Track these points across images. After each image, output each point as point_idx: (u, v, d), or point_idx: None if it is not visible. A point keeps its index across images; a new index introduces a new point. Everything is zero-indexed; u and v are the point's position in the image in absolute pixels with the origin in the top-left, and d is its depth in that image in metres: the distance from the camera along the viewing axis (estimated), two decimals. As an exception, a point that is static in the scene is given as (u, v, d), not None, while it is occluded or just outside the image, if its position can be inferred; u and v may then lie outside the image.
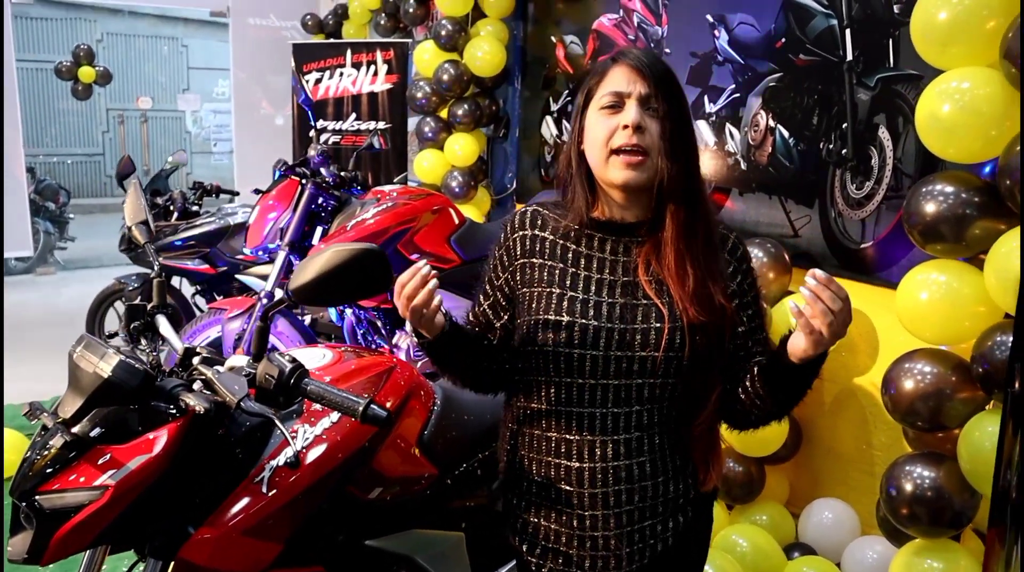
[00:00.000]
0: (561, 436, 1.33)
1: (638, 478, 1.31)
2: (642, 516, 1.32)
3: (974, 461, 1.88)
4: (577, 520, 1.33)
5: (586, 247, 1.34)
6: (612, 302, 1.29)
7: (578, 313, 1.29)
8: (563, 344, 1.28)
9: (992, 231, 1.91)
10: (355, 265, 1.18)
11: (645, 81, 1.27)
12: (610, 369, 1.28)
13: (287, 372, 1.26)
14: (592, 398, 1.30)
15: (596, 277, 1.31)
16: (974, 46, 1.91)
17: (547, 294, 1.32)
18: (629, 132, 1.25)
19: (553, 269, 1.33)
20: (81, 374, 1.29)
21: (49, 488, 1.26)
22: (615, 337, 1.27)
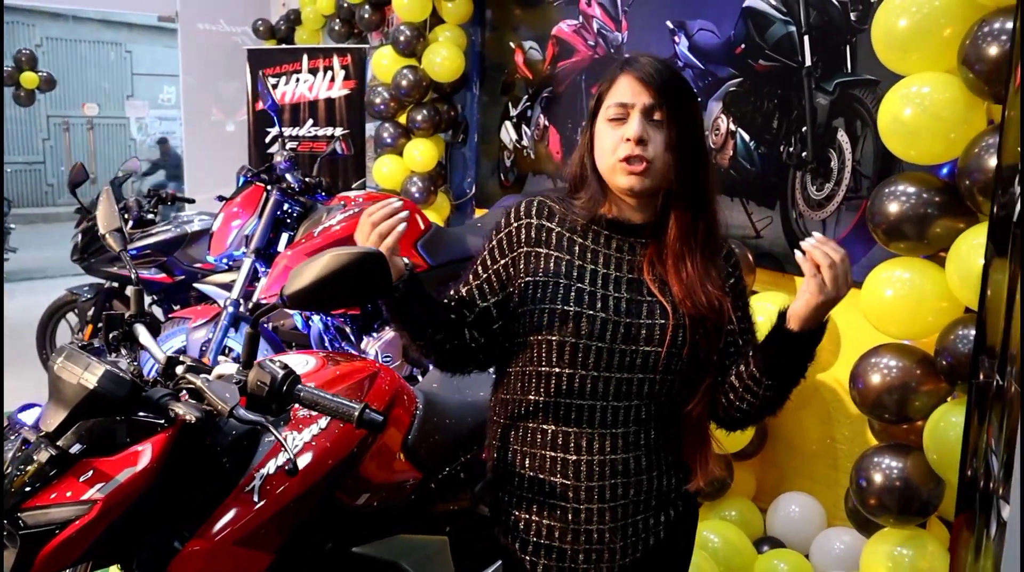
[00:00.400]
0: (559, 428, 1.34)
1: (634, 472, 1.33)
2: (636, 510, 1.35)
3: (940, 451, 1.95)
4: (572, 514, 1.34)
5: (592, 242, 1.36)
6: (618, 297, 1.32)
7: (586, 304, 1.31)
8: (570, 334, 1.30)
9: (952, 229, 1.98)
10: (354, 269, 1.17)
11: (649, 92, 1.31)
12: (613, 362, 1.30)
13: (280, 378, 1.25)
14: (594, 390, 1.31)
15: (603, 272, 1.34)
16: (932, 52, 1.98)
17: (554, 284, 1.33)
18: (631, 144, 1.30)
19: (560, 260, 1.35)
20: (64, 386, 1.26)
21: (33, 504, 1.22)
22: (620, 330, 1.30)
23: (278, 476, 1.40)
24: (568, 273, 1.34)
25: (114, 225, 1.65)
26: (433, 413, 1.79)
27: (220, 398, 1.24)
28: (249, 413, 1.25)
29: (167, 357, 1.43)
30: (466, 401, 1.89)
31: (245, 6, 6.98)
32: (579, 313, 1.30)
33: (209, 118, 7.10)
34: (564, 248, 1.36)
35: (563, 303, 1.31)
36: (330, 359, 1.67)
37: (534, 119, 4.23)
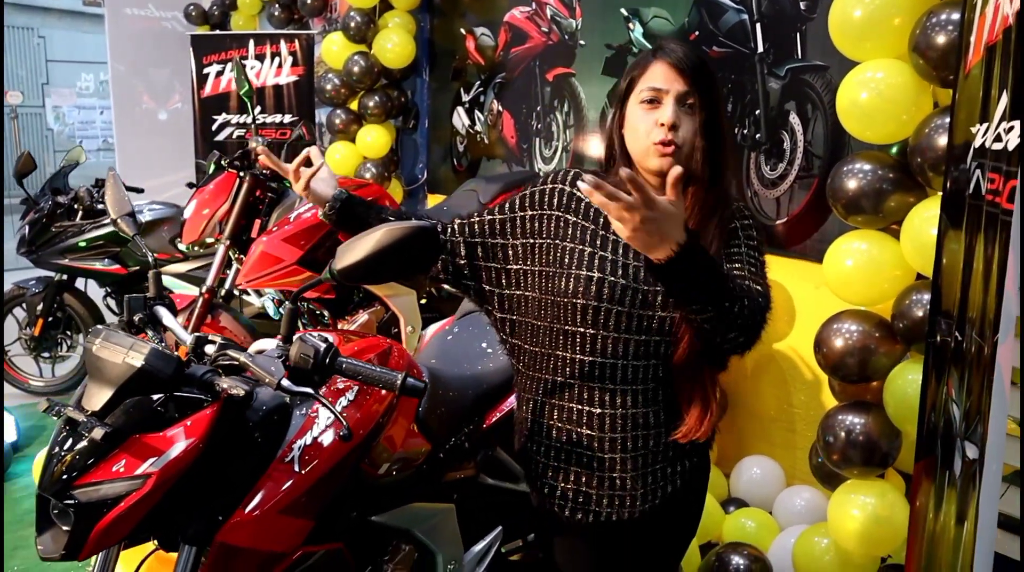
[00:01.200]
0: (584, 384, 1.44)
1: (653, 425, 1.44)
2: (655, 459, 1.46)
3: (898, 406, 2.13)
4: (597, 462, 1.45)
5: None
6: (638, 265, 1.41)
7: (608, 271, 1.40)
8: (593, 298, 1.40)
9: (905, 203, 2.15)
10: (409, 243, 1.24)
11: (682, 79, 1.38)
12: (632, 324, 1.40)
13: (322, 351, 1.31)
14: (615, 350, 1.41)
15: (623, 242, 1.38)
16: (884, 40, 2.15)
17: (579, 251, 1.43)
18: (665, 129, 1.38)
19: (586, 229, 1.44)
20: (107, 366, 1.29)
21: (86, 481, 1.26)
22: (639, 296, 1.39)
23: (314, 447, 1.46)
24: (592, 241, 1.43)
25: (125, 210, 1.67)
26: (438, 387, 1.87)
27: (266, 371, 1.30)
28: (295, 385, 1.31)
29: (196, 336, 1.46)
30: (466, 375, 1.98)
31: (175, -10, 6.81)
32: (602, 279, 1.40)
33: (141, 106, 6.91)
34: (591, 218, 1.46)
35: (588, 269, 1.41)
36: (345, 337, 1.73)
37: (487, 104, 4.31)
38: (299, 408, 1.53)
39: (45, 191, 4.02)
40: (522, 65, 4.06)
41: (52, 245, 3.90)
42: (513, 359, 1.58)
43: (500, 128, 4.24)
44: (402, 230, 1.24)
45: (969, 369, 1.62)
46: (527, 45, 4.01)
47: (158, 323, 1.55)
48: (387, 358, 1.69)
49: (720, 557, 2.45)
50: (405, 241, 1.24)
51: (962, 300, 1.69)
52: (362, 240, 1.25)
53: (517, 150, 4.15)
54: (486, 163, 4.38)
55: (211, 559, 1.38)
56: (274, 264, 2.84)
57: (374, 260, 1.24)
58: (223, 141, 5.04)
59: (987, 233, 1.48)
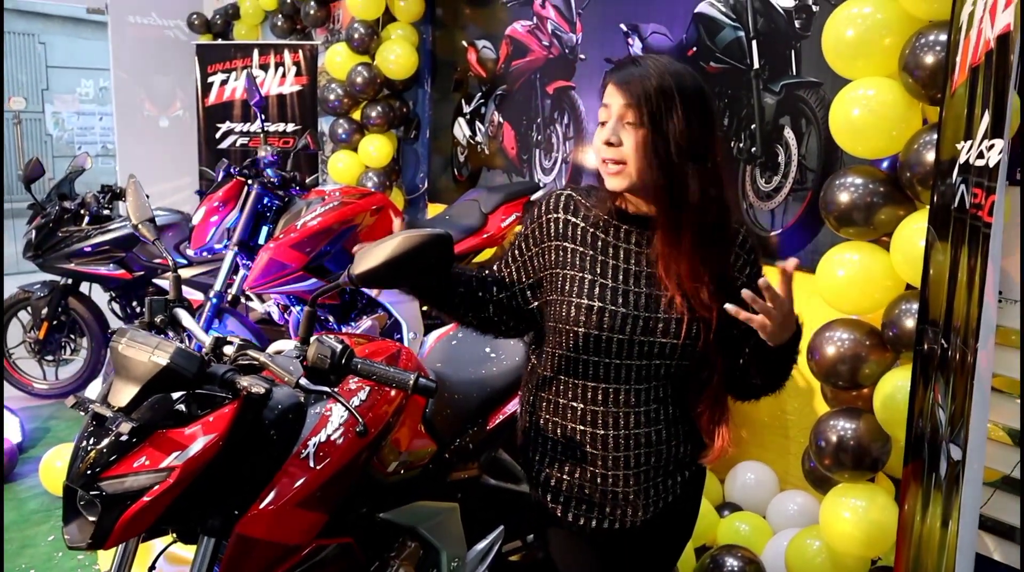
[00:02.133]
0: (587, 407, 1.48)
1: (655, 443, 1.50)
2: (656, 474, 1.52)
3: (888, 412, 2.20)
4: (600, 478, 1.51)
5: (613, 237, 1.47)
6: (638, 292, 1.44)
7: (608, 300, 1.43)
8: (594, 326, 1.43)
9: (895, 216, 2.23)
10: (425, 250, 1.30)
11: (623, 95, 1.39)
12: (634, 351, 1.43)
13: (339, 352, 1.38)
14: (617, 376, 1.46)
15: (623, 266, 1.45)
16: (876, 59, 2.23)
17: (579, 279, 1.46)
18: (605, 147, 1.41)
19: (584, 255, 1.47)
20: (132, 364, 1.36)
21: (113, 473, 1.32)
22: (640, 324, 1.42)
23: (329, 444, 1.53)
24: (592, 269, 1.45)
25: (146, 215, 1.73)
26: (444, 389, 1.93)
27: (285, 371, 1.36)
28: (312, 384, 1.38)
29: (215, 337, 1.53)
30: (471, 378, 2.05)
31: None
32: (602, 308, 1.42)
33: (142, 113, 6.98)
34: (587, 243, 1.47)
35: (588, 298, 1.43)
36: (356, 340, 1.79)
37: (488, 116, 4.39)
38: (313, 407, 1.59)
39: (52, 196, 4.08)
40: (523, 78, 4.14)
41: (58, 250, 3.96)
42: (527, 379, 1.64)
43: (500, 139, 4.32)
44: (419, 237, 1.30)
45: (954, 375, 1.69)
46: (528, 58, 4.09)
47: (177, 325, 1.61)
48: (396, 360, 1.76)
49: (715, 559, 2.52)
50: (422, 248, 1.30)
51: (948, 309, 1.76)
52: (380, 246, 1.32)
53: (517, 161, 4.22)
54: (486, 173, 4.46)
55: (229, 550, 1.44)
56: (280, 270, 2.90)
57: (391, 266, 1.30)
58: (227, 149, 5.11)
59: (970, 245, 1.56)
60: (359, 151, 4.72)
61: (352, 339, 1.79)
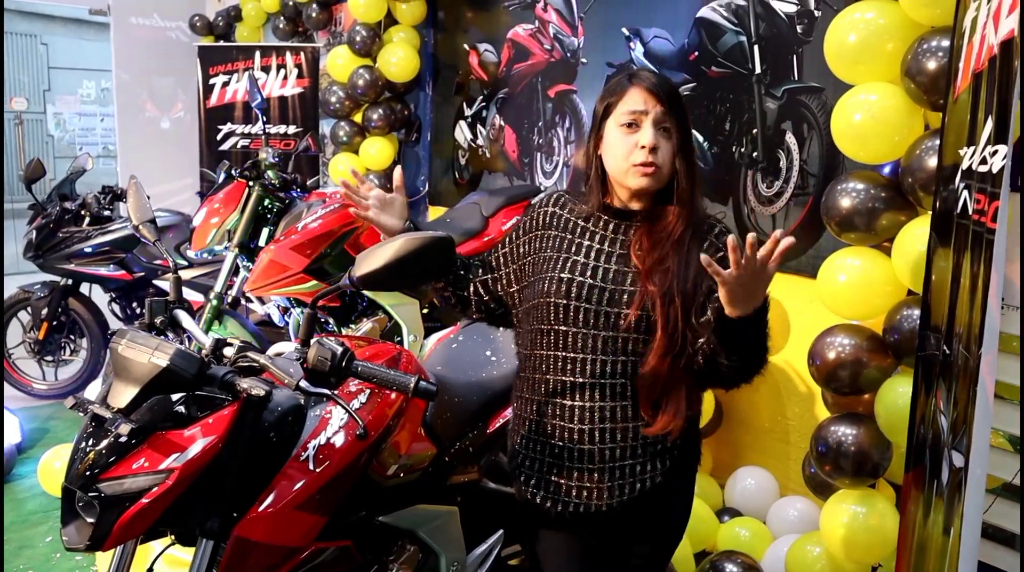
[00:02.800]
0: (557, 377, 1.53)
1: (619, 419, 1.51)
2: (623, 455, 1.52)
3: (889, 418, 2.19)
4: (567, 453, 1.53)
5: (593, 225, 1.58)
6: (606, 267, 1.53)
7: (578, 272, 1.52)
8: (562, 296, 1.51)
9: (896, 221, 2.23)
10: (427, 252, 1.30)
11: (659, 103, 1.50)
12: (600, 321, 1.49)
13: (339, 354, 1.37)
14: (584, 345, 1.50)
15: (596, 247, 1.55)
16: (878, 64, 2.23)
17: (555, 258, 1.57)
18: (646, 151, 1.48)
19: (563, 239, 1.58)
20: (132, 365, 1.35)
21: (112, 475, 1.31)
22: (605, 295, 1.50)
23: (328, 446, 1.52)
24: (567, 249, 1.56)
25: (147, 216, 1.73)
26: (444, 392, 1.93)
27: (285, 373, 1.36)
28: (313, 386, 1.37)
29: (215, 338, 1.52)
30: (471, 381, 2.04)
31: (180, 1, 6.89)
32: (571, 279, 1.51)
33: (144, 114, 6.98)
34: (568, 229, 1.59)
35: (559, 271, 1.53)
36: (356, 342, 1.79)
37: (489, 119, 4.39)
38: (313, 409, 1.59)
39: (53, 197, 4.08)
40: (524, 81, 4.14)
41: (58, 250, 3.96)
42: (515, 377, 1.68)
43: (502, 143, 4.32)
44: (420, 240, 1.30)
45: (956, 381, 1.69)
46: (529, 62, 4.09)
47: (178, 326, 1.61)
48: (397, 363, 1.76)
49: (714, 565, 2.51)
50: (423, 250, 1.30)
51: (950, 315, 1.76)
52: (381, 248, 1.32)
53: (518, 164, 4.22)
54: (487, 177, 4.46)
55: (228, 553, 1.44)
56: (281, 272, 2.90)
57: (393, 268, 1.30)
58: (228, 151, 5.11)
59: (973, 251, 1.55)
60: (360, 154, 4.72)
61: (352, 341, 1.79)
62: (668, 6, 3.33)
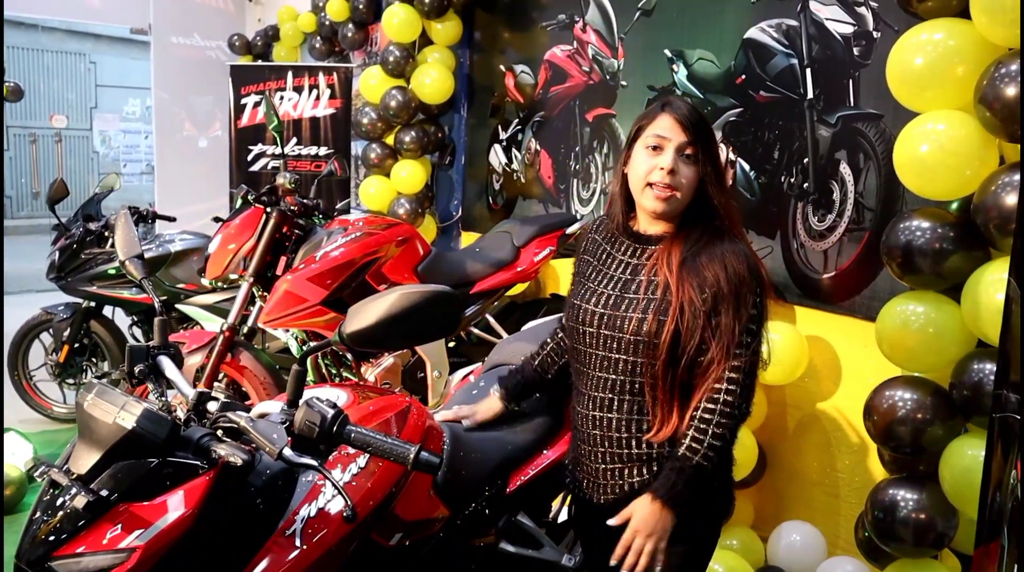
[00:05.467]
0: (578, 387, 1.72)
1: (614, 429, 1.64)
2: (613, 459, 1.66)
3: (956, 483, 1.96)
4: (583, 452, 1.71)
5: (616, 250, 1.71)
6: (611, 294, 1.64)
7: (585, 298, 1.67)
8: (573, 320, 1.68)
9: (966, 264, 2.00)
10: (425, 308, 1.14)
11: (684, 132, 1.59)
12: (600, 342, 1.63)
13: (329, 419, 1.21)
14: (591, 362, 1.66)
15: (611, 274, 1.68)
16: (947, 90, 2.01)
17: (580, 284, 1.72)
18: (664, 174, 1.59)
19: (590, 264, 1.73)
20: (97, 425, 1.20)
21: (66, 552, 1.16)
22: (605, 320, 1.62)
23: (319, 518, 1.35)
24: (591, 276, 1.70)
25: (134, 251, 1.59)
26: (460, 448, 1.75)
27: (267, 439, 1.19)
28: (298, 455, 1.20)
29: (198, 392, 1.37)
30: (489, 435, 1.86)
31: (220, 21, 6.91)
32: (582, 307, 1.66)
33: (181, 133, 6.98)
34: (598, 256, 1.72)
35: (574, 298, 1.70)
36: (361, 393, 1.62)
37: (525, 143, 4.23)
38: (305, 473, 1.42)
39: (77, 217, 4.01)
40: (561, 104, 3.97)
41: (81, 272, 3.88)
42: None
43: (537, 167, 4.15)
44: (417, 295, 1.14)
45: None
46: (567, 84, 3.93)
47: (160, 375, 1.46)
48: (405, 419, 1.58)
49: (756, 634, 2.28)
50: (419, 306, 1.13)
51: (1033, 375, 1.54)
52: (374, 303, 1.15)
53: (554, 190, 4.05)
54: (522, 202, 4.29)
55: (201, 639, 1.27)
56: (297, 304, 2.76)
57: (386, 325, 1.14)
58: (258, 171, 5.02)
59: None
60: (391, 176, 4.59)
61: (357, 393, 1.62)
62: (713, 27, 3.14)
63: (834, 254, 2.73)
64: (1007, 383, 1.71)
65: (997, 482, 1.72)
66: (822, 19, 2.72)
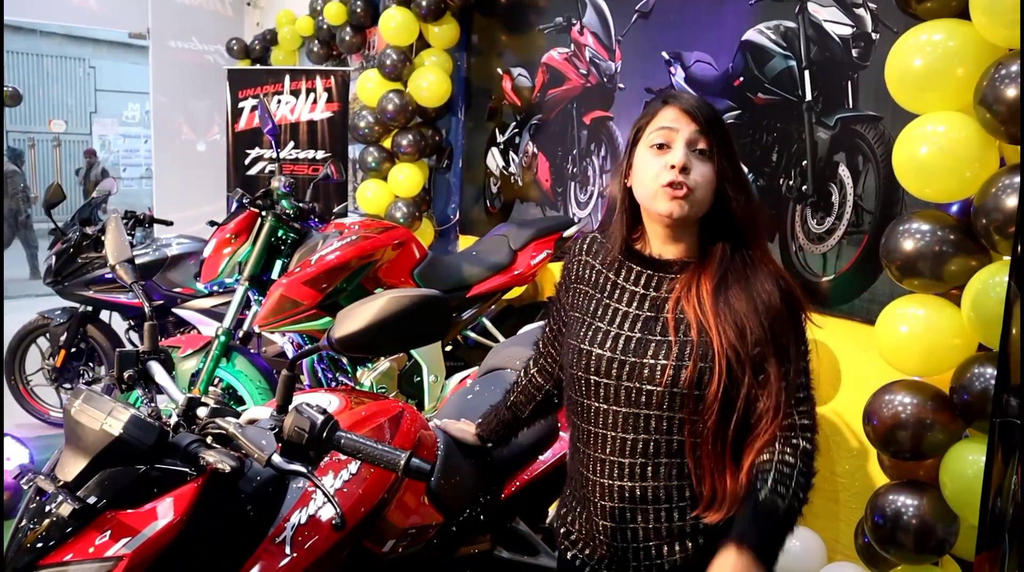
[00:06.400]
0: (585, 450, 1.41)
1: (640, 501, 1.36)
2: (647, 536, 1.38)
3: (957, 488, 1.94)
4: (592, 525, 1.42)
5: (623, 279, 1.42)
6: (629, 335, 1.36)
7: (598, 343, 1.37)
8: (583, 369, 1.38)
9: (967, 267, 1.98)
10: (414, 313, 1.12)
11: (693, 123, 1.33)
12: (620, 397, 1.35)
13: (319, 425, 1.19)
14: (605, 421, 1.37)
15: (623, 309, 1.39)
16: (947, 92, 2.00)
17: (581, 322, 1.42)
18: (675, 171, 1.31)
19: (592, 298, 1.43)
20: (84, 432, 1.18)
21: (52, 561, 1.14)
22: (625, 368, 1.34)
23: (310, 525, 1.33)
24: (595, 312, 1.41)
25: (124, 255, 1.57)
26: (453, 453, 1.73)
27: (256, 446, 1.17)
28: (286, 462, 1.18)
29: (187, 397, 1.35)
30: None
31: (218, 25, 6.90)
32: (588, 351, 1.37)
33: (180, 137, 6.97)
34: (599, 286, 1.43)
35: (582, 341, 1.39)
36: (353, 398, 1.60)
37: (522, 146, 4.21)
38: (296, 479, 1.40)
39: (74, 222, 4.00)
40: (559, 107, 3.96)
41: (77, 276, 3.87)
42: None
43: (535, 171, 4.14)
44: (406, 299, 1.12)
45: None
46: (564, 87, 3.91)
47: (150, 380, 1.44)
48: (398, 424, 1.56)
49: (755, 642, 2.25)
50: (409, 311, 1.12)
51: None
52: (363, 307, 1.14)
53: (552, 194, 4.03)
54: (519, 205, 4.27)
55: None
56: (293, 307, 2.74)
57: (375, 329, 1.12)
58: (256, 175, 5.01)
59: (1070, 311, 1.32)
60: (388, 180, 4.57)
61: (349, 398, 1.60)
62: (711, 29, 3.12)
63: (833, 257, 2.71)
64: (1008, 387, 1.69)
65: (998, 487, 1.70)
66: (820, 21, 2.70)
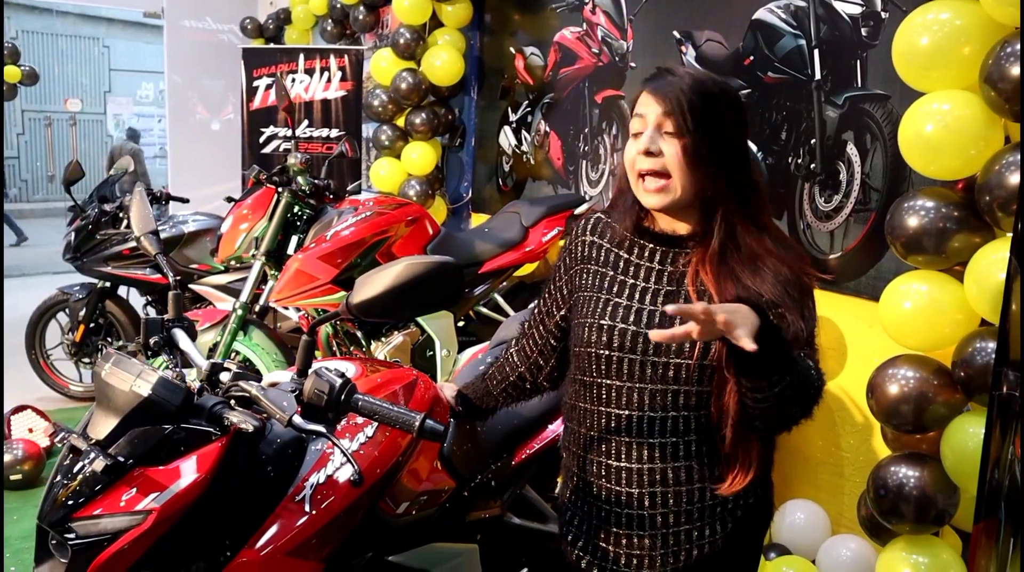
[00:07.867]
0: (602, 435, 1.37)
1: (673, 482, 1.34)
2: (678, 520, 1.35)
3: (957, 461, 1.98)
4: (614, 517, 1.37)
5: (636, 256, 1.40)
6: (652, 309, 1.34)
7: (619, 318, 1.35)
8: (604, 346, 1.34)
9: (970, 244, 2.01)
10: (429, 279, 1.17)
11: (661, 104, 1.30)
12: (646, 373, 1.32)
13: (338, 387, 1.24)
14: (630, 401, 1.34)
15: (641, 285, 1.37)
16: (953, 70, 2.02)
17: (595, 299, 1.39)
18: (643, 157, 1.32)
19: (604, 275, 1.41)
20: (114, 393, 1.24)
21: (85, 514, 1.21)
22: (652, 343, 1.31)
23: (328, 485, 1.39)
24: (609, 288, 1.39)
25: (149, 227, 1.62)
26: (465, 420, 1.78)
27: (278, 407, 1.23)
28: (307, 422, 1.24)
29: (211, 363, 1.41)
30: (496, 409, 1.89)
31: (232, 4, 6.92)
32: (612, 326, 1.34)
33: (194, 116, 7.02)
34: (610, 263, 1.41)
35: (600, 317, 1.36)
36: (369, 366, 1.66)
37: (535, 125, 4.24)
38: (315, 441, 1.46)
39: (92, 199, 4.07)
40: (571, 86, 3.98)
41: (96, 252, 3.94)
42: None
43: (547, 149, 4.17)
44: (422, 265, 1.17)
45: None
46: (577, 66, 3.94)
47: (175, 346, 1.50)
48: (412, 391, 1.62)
49: (758, 609, 2.32)
50: (425, 277, 1.17)
51: (1032, 352, 1.56)
52: (380, 274, 1.19)
53: (563, 172, 4.07)
54: (531, 184, 4.31)
55: (214, 599, 1.32)
56: (308, 282, 2.80)
57: (392, 295, 1.17)
58: (271, 153, 5.06)
59: (1064, 284, 1.36)
60: (402, 158, 4.61)
61: (365, 365, 1.66)
62: (722, 8, 3.14)
63: (840, 235, 2.74)
64: (1007, 361, 1.73)
65: (996, 459, 1.75)
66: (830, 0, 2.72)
